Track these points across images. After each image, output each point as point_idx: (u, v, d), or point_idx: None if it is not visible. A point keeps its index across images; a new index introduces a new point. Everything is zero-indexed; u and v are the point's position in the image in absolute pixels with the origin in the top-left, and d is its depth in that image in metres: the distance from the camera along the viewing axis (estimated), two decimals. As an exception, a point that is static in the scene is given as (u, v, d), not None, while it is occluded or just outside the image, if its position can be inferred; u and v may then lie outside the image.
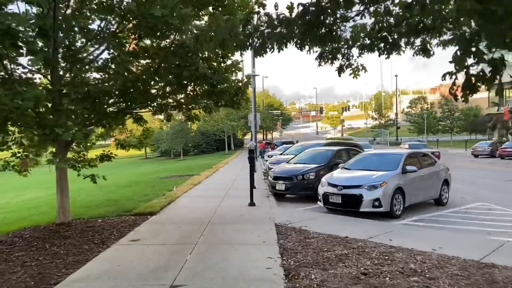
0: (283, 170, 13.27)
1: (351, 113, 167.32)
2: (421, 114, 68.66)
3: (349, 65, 4.53)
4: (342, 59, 4.47)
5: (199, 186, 15.71)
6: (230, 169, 25.57)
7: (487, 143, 40.21)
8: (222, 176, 20.47)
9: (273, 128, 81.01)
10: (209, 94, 7.54)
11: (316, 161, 13.40)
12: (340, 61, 4.46)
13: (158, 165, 43.32)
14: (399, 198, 9.94)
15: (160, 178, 19.72)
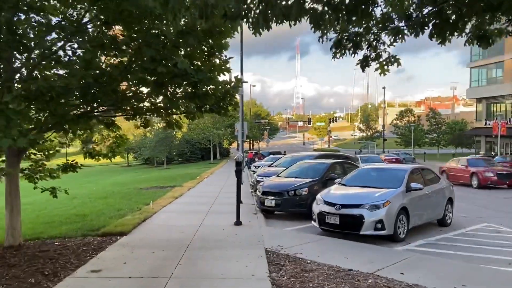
0: (272, 184, 12.10)
1: (338, 124, 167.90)
2: (408, 126, 68.47)
3: (377, 57, 3.41)
4: (368, 48, 3.35)
5: (181, 200, 14.41)
6: (215, 179, 24.30)
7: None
8: (207, 187, 19.20)
9: (260, 138, 79.97)
10: (191, 97, 6.36)
11: (309, 175, 12.27)
12: (365, 51, 3.36)
13: (139, 173, 41.72)
14: (403, 219, 8.86)
15: (139, 189, 18.34)
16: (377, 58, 3.44)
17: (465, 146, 72.53)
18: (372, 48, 3.37)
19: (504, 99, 49.20)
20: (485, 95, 51.70)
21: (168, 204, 12.90)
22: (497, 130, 41.93)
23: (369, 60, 3.45)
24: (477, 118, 55.24)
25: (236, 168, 10.06)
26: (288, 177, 12.55)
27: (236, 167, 10.08)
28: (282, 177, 12.79)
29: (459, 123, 76.92)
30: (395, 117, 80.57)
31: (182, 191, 16.70)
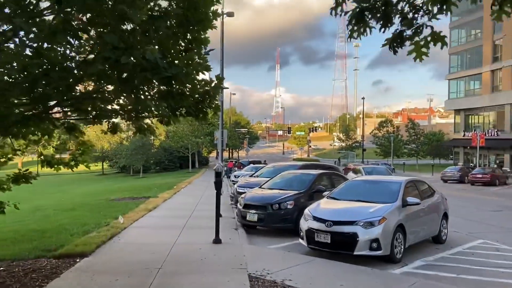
0: (255, 196, 11.14)
1: (317, 134, 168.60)
2: (387, 136, 68.81)
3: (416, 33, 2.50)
4: (402, 21, 2.47)
5: (155, 213, 13.28)
6: (193, 190, 23.16)
7: (456, 168, 39.88)
8: (183, 199, 18.07)
9: (239, 146, 78.99)
10: (163, 96, 5.38)
11: (294, 187, 11.38)
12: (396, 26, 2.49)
13: (114, 182, 40.07)
14: (399, 238, 8.04)
15: (111, 200, 17.07)
16: (416, 35, 2.55)
17: (442, 157, 73.47)
18: (407, 21, 2.49)
19: (482, 111, 49.83)
20: (463, 106, 52.32)
21: (140, 218, 11.76)
22: (476, 142, 42.23)
23: (404, 37, 2.57)
24: (456, 130, 55.82)
25: (215, 179, 9.06)
26: (271, 189, 11.62)
27: (216, 178, 9.08)
28: (265, 189, 11.84)
29: (436, 134, 78.00)
30: (373, 127, 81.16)
31: (157, 202, 15.55)
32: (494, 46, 47.25)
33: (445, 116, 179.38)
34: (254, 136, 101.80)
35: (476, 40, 50.54)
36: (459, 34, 53.98)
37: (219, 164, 11.66)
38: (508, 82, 44.48)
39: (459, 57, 53.88)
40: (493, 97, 47.11)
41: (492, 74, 47.39)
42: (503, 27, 45.03)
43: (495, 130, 45.86)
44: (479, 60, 49.55)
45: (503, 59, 45.23)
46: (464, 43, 52.90)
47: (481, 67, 48.81)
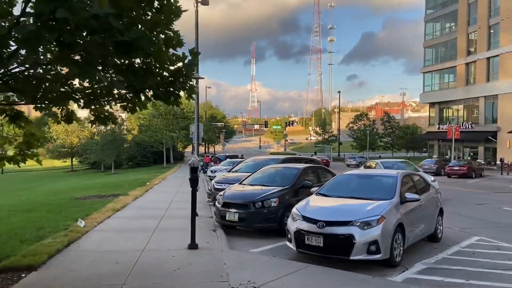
0: (235, 194, 10.08)
1: (292, 128, 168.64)
2: (363, 130, 68.95)
3: None
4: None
5: (123, 212, 12.03)
6: (167, 186, 21.88)
7: (432, 160, 39.92)
8: (156, 196, 16.82)
9: (215, 141, 77.62)
10: (121, 71, 4.23)
11: (278, 183, 10.38)
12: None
13: (83, 179, 38.16)
14: (399, 238, 7.17)
15: (75, 199, 15.64)
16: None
17: (417, 150, 74.35)
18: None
19: (456, 104, 50.26)
20: (438, 99, 52.70)
21: (105, 220, 10.51)
22: (452, 134, 42.44)
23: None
24: (430, 123, 56.26)
25: (190, 175, 7.92)
26: (253, 185, 10.58)
27: (191, 175, 7.93)
28: (246, 185, 10.79)
29: (410, 128, 78.89)
30: (349, 121, 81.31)
31: (127, 201, 14.26)
32: (468, 39, 47.61)
33: (417, 110, 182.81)
34: (230, 130, 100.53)
35: (451, 33, 50.86)
36: (433, 27, 54.25)
37: (195, 159, 10.44)
38: (482, 75, 44.89)
39: (433, 50, 54.18)
40: (467, 90, 47.52)
41: (466, 67, 47.78)
42: (477, 20, 45.35)
43: (469, 123, 46.30)
44: (453, 53, 49.90)
45: (477, 52, 45.59)
46: (439, 36, 53.20)
47: (456, 60, 49.15)
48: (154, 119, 53.01)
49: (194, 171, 7.91)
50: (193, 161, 8.42)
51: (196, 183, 7.89)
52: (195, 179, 7.86)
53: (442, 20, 52.70)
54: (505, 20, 40.71)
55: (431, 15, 54.18)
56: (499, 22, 41.92)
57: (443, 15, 52.09)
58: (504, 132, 41.06)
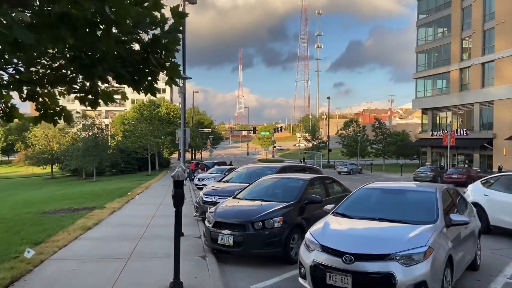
0: (229, 211, 8.28)
1: (280, 135, 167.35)
2: (354, 136, 67.73)
3: None
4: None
5: (94, 232, 10.11)
6: (150, 197, 19.94)
7: (428, 168, 38.66)
8: (137, 209, 14.89)
9: (202, 147, 75.58)
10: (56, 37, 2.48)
11: (280, 197, 8.64)
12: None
13: (61, 187, 35.82)
14: (448, 275, 5.48)
15: (43, 213, 13.63)
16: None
17: (407, 157, 73.42)
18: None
19: (450, 110, 49.31)
20: (431, 105, 51.75)
21: (70, 243, 8.59)
22: (447, 141, 41.31)
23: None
24: (423, 129, 55.27)
25: (174, 191, 6.05)
26: (250, 200, 8.79)
27: (175, 190, 6.03)
28: (241, 200, 9.00)
29: (400, 134, 78.05)
30: (336, 128, 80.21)
31: (101, 216, 12.32)
32: (462, 44, 46.79)
33: (404, 117, 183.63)
34: (218, 136, 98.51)
35: (444, 38, 50.05)
36: (426, 32, 53.45)
37: (180, 169, 8.50)
38: (477, 80, 44.01)
39: (426, 56, 53.33)
40: (461, 96, 46.61)
41: (460, 72, 46.90)
42: (471, 24, 44.56)
43: (464, 130, 45.29)
44: (447, 59, 49.05)
45: (472, 57, 44.74)
46: (432, 41, 52.37)
47: (449, 66, 48.28)
48: (138, 124, 50.90)
49: (178, 185, 6.04)
50: (177, 172, 6.45)
51: (181, 201, 6.08)
52: (180, 196, 6.03)
53: (434, 25, 51.92)
54: (500, 24, 39.90)
55: (424, 19, 53.40)
56: (494, 27, 41.11)
57: (435, 20, 51.31)
58: (500, 139, 40.08)
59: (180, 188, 6.01)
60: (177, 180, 6.00)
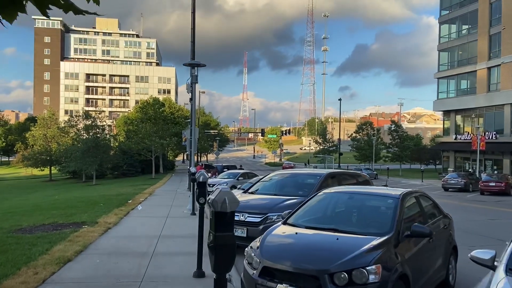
0: (287, 247, 5.05)
1: (286, 138, 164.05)
2: (368, 140, 64.40)
3: None
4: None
5: (73, 269, 7.00)
6: (154, 206, 16.83)
7: (458, 175, 35.33)
8: (137, 226, 11.76)
9: (208, 149, 72.54)
10: None
11: (361, 225, 5.49)
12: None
13: (56, 192, 32.81)
14: None
15: (19, 229, 10.51)
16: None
17: (423, 162, 70.00)
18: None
19: (476, 112, 45.95)
20: (455, 107, 48.42)
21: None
22: (476, 145, 37.99)
23: None
24: (445, 133, 51.92)
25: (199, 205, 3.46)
26: (313, 228, 5.60)
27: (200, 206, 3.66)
28: (297, 226, 5.77)
29: (414, 138, 74.69)
30: (345, 131, 76.84)
31: (90, 237, 9.20)
32: (491, 41, 43.50)
33: (412, 121, 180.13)
34: (224, 138, 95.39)
35: (469, 35, 46.77)
36: (449, 29, 50.21)
37: (202, 173, 6.08)
38: (508, 80, 40.67)
39: (449, 54, 50.06)
40: (489, 97, 43.28)
41: (488, 71, 43.59)
42: (502, 19, 41.32)
43: (492, 133, 41.91)
44: (473, 57, 45.78)
45: (502, 55, 41.42)
46: (455, 39, 49.11)
47: (476, 64, 44.98)
48: (142, 124, 47.93)
49: (201, 190, 4.34)
50: (200, 174, 5.32)
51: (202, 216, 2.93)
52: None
53: (459, 21, 48.67)
54: (536, 19, 36.63)
55: (447, 16, 50.18)
56: (528, 22, 37.85)
57: (460, 15, 48.08)
58: (535, 143, 36.73)
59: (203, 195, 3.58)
60: (199, 181, 5.56)
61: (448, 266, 6.35)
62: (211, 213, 2.74)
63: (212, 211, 2.73)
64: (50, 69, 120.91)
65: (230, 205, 2.64)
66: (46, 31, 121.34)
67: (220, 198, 2.68)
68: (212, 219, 2.78)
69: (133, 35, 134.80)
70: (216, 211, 2.71)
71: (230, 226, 2.74)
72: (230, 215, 2.68)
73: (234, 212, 2.73)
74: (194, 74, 15.24)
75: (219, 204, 2.65)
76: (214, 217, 2.77)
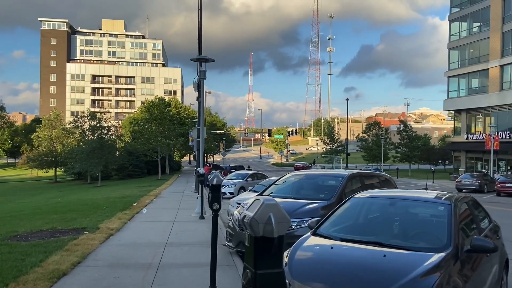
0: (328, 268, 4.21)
1: (292, 139, 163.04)
2: (376, 140, 63.26)
3: None
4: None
5: (71, 278, 6.18)
6: (160, 210, 16.01)
7: (473, 175, 34.23)
8: (142, 232, 10.92)
9: (215, 150, 71.76)
10: None
11: (411, 237, 4.60)
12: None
13: (60, 193, 32.11)
14: None
15: (14, 236, 9.72)
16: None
17: (431, 162, 68.77)
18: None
19: (488, 111, 44.75)
20: (466, 106, 47.22)
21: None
22: (490, 145, 36.85)
23: None
24: (456, 132, 50.73)
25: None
26: (348, 241, 4.72)
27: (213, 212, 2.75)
28: (330, 238, 4.87)
29: (422, 138, 73.43)
30: (351, 131, 75.68)
31: (90, 246, 8.38)
32: (504, 38, 42.31)
33: (418, 121, 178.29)
34: (230, 139, 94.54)
35: (481, 33, 45.58)
36: (459, 27, 49.05)
37: (214, 175, 5.39)
38: (522, 78, 39.51)
39: (459, 52, 48.88)
40: (502, 96, 42.08)
41: (501, 69, 42.39)
42: (516, 16, 40.14)
43: (506, 133, 40.72)
44: (485, 55, 44.59)
45: (516, 52, 40.25)
46: (466, 37, 47.93)
47: (488, 62, 43.79)
48: (148, 124, 47.22)
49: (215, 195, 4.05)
50: (215, 176, 4.89)
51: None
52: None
53: (469, 18, 47.50)
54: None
55: (457, 13, 49.02)
56: (543, 18, 36.67)
57: (471, 13, 46.91)
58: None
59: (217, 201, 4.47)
60: (213, 185, 5.14)
61: (501, 283, 5.46)
62: (247, 239, 1.86)
63: (249, 235, 1.84)
64: (56, 70, 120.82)
65: (279, 226, 1.74)
66: (52, 33, 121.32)
67: (262, 215, 1.78)
68: (250, 248, 1.89)
69: (139, 36, 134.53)
70: (257, 236, 1.81)
71: (278, 258, 1.85)
72: (278, 241, 1.79)
73: (283, 237, 1.83)
74: (202, 70, 14.40)
75: (261, 225, 1.76)
76: (253, 245, 1.88)
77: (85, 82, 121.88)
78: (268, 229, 1.81)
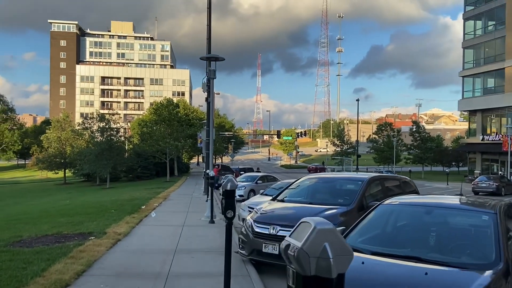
0: None
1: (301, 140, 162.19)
2: (388, 141, 62.33)
3: None
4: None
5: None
6: (169, 213, 15.56)
7: (490, 178, 33.34)
8: (150, 237, 10.45)
9: (223, 151, 71.37)
10: None
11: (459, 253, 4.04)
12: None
13: (69, 195, 31.89)
14: None
15: (18, 241, 9.32)
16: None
17: (445, 164, 67.64)
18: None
19: (505, 111, 43.70)
20: (482, 106, 46.18)
21: None
22: (507, 146, 35.90)
23: None
24: (470, 133, 49.69)
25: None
26: (391, 256, 4.18)
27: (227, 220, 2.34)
28: (363, 252, 4.36)
29: (434, 140, 72.27)
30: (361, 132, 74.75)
31: (96, 252, 7.92)
32: (520, 37, 41.32)
33: (430, 122, 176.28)
34: (239, 140, 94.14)
35: (497, 31, 44.57)
36: (474, 25, 48.06)
37: (231, 177, 4.84)
38: (540, 77, 38.46)
39: (474, 51, 47.89)
40: (519, 95, 41.08)
41: (518, 68, 41.39)
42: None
43: (523, 133, 39.67)
44: (500, 53, 43.58)
45: (533, 51, 39.23)
46: (481, 35, 46.94)
47: (504, 62, 42.78)
48: (156, 126, 46.97)
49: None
50: (229, 181, 4.41)
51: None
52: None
53: (484, 17, 46.50)
54: None
55: (472, 11, 48.05)
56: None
57: (486, 11, 45.92)
58: None
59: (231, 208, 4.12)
60: (227, 190, 4.65)
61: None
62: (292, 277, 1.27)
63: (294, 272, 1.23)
64: (66, 72, 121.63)
65: (338, 261, 1.16)
66: (62, 35, 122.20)
67: (314, 246, 1.16)
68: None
69: (147, 38, 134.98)
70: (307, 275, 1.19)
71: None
72: (337, 283, 1.22)
73: (343, 277, 1.24)
74: (212, 69, 13.93)
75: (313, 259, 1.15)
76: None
77: (94, 84, 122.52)
78: (323, 266, 1.22)
